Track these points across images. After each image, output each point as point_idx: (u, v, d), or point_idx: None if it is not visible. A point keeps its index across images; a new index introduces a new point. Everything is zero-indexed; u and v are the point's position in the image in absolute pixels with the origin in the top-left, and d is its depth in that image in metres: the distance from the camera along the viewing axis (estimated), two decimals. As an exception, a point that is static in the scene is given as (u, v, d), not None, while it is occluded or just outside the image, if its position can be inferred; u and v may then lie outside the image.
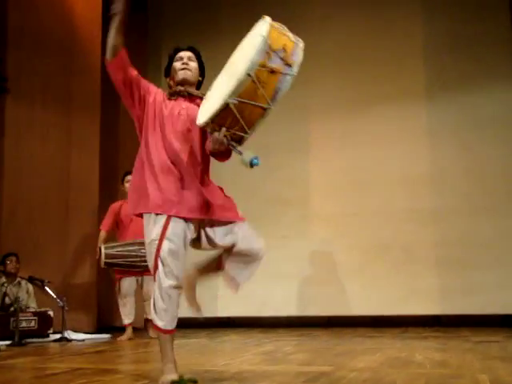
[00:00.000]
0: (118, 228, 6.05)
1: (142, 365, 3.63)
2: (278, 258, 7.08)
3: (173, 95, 2.92)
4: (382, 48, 7.21)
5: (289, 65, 2.42)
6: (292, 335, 5.65)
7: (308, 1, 7.59)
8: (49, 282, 5.54)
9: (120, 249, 5.66)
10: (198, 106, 2.79)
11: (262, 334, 5.71)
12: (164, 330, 2.65)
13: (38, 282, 5.63)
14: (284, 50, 2.42)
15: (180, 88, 2.93)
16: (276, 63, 2.38)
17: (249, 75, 2.32)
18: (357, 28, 7.35)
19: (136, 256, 5.61)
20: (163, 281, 2.64)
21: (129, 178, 5.97)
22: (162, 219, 2.65)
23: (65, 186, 6.45)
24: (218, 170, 3.10)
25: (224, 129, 2.46)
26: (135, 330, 5.95)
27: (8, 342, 4.84)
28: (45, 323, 5.44)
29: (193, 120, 2.72)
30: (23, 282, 5.80)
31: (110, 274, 6.09)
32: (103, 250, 5.60)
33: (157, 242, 2.64)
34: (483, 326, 6.04)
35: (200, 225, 2.79)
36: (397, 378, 2.71)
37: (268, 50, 2.37)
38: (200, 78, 3.02)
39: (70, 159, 6.51)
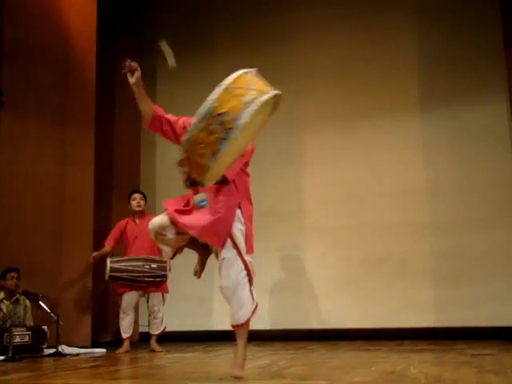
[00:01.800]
0: (123, 244, 6.17)
1: (135, 380, 3.61)
2: (272, 271, 7.10)
3: None
4: (376, 60, 7.27)
5: (229, 128, 2.64)
6: (287, 348, 5.63)
7: (302, 13, 7.65)
8: (43, 296, 5.52)
9: (125, 263, 5.80)
10: None
11: (257, 348, 5.69)
12: None
13: (32, 297, 5.60)
14: (228, 113, 2.65)
15: None
16: (215, 126, 2.65)
17: (191, 135, 2.68)
18: (351, 40, 7.41)
19: (140, 272, 5.80)
20: None
21: (135, 195, 6.08)
22: None
23: (59, 201, 6.43)
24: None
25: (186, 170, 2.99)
26: (131, 343, 6.04)
27: (2, 358, 4.81)
28: (39, 338, 5.39)
29: None
30: (21, 299, 5.76)
31: (104, 288, 6.12)
32: (109, 264, 5.74)
33: None
34: (479, 338, 6.04)
35: None
36: (392, 392, 2.71)
37: (211, 114, 2.64)
38: None
39: (64, 173, 6.49)
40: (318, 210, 7.21)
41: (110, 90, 7.58)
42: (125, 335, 5.94)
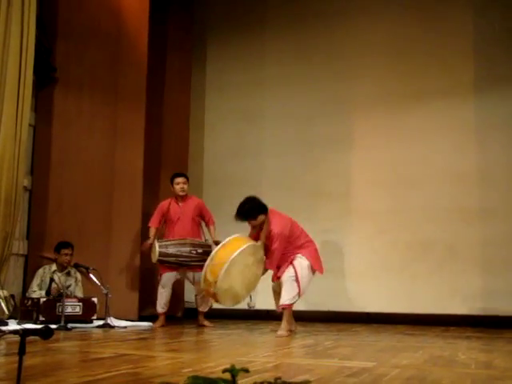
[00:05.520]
0: (165, 224, 6.24)
1: (183, 353, 3.68)
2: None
3: None
4: (431, 41, 7.10)
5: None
6: (331, 330, 5.63)
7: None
8: (93, 269, 5.66)
9: (172, 248, 5.90)
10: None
11: (302, 328, 5.70)
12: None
13: (82, 269, 5.78)
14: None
15: None
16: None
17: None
18: (405, 20, 7.26)
19: (187, 257, 5.91)
20: None
21: (179, 180, 6.14)
22: None
23: (109, 176, 6.55)
24: (263, 165, 3.15)
25: None
26: (170, 318, 6.21)
27: (54, 326, 4.96)
28: (89, 309, 5.56)
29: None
30: (72, 271, 5.97)
31: (151, 265, 6.22)
32: (157, 248, 5.83)
33: None
34: (527, 328, 5.91)
35: None
36: (442, 376, 2.68)
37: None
38: None
39: (115, 149, 6.61)
40: (365, 193, 7.14)
41: (160, 67, 7.63)
42: (161, 310, 6.05)
